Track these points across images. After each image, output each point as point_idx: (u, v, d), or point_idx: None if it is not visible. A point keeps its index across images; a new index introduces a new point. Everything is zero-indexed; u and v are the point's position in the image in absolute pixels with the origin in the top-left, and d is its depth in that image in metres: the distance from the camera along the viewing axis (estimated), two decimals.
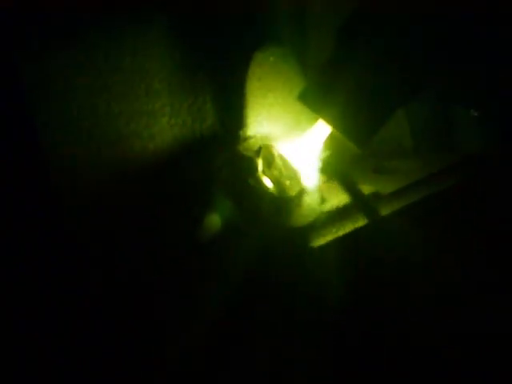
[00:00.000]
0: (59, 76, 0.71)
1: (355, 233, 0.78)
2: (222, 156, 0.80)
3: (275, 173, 0.82)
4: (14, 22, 0.66)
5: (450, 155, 1.03)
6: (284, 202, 0.83)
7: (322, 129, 0.81)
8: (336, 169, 0.78)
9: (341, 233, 0.76)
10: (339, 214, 0.81)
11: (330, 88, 0.77)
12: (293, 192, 0.86)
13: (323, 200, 0.82)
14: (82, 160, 0.73)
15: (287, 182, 0.84)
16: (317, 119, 0.88)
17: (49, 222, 0.72)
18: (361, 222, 0.79)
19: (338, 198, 0.83)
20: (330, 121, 0.78)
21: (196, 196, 0.77)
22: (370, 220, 0.73)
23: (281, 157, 0.83)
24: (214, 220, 0.75)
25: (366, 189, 0.86)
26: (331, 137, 0.81)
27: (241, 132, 0.85)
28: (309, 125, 0.91)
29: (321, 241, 0.75)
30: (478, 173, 0.96)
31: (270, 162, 0.81)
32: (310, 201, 0.83)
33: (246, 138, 0.85)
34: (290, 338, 0.72)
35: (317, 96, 0.79)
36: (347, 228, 0.78)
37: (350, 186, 0.76)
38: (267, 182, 0.80)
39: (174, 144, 0.82)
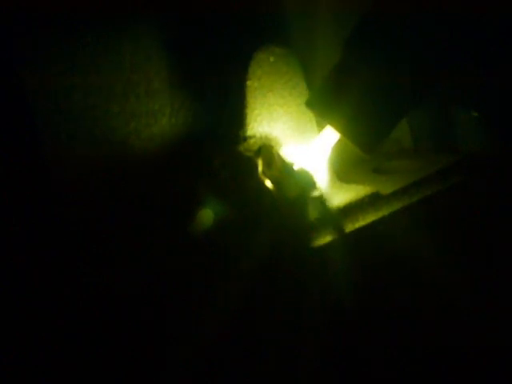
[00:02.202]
0: (59, 76, 0.71)
1: (355, 233, 0.78)
2: (222, 156, 0.80)
3: (275, 173, 0.82)
4: (14, 23, 0.66)
5: (450, 155, 1.03)
6: (284, 203, 0.83)
7: (330, 135, 0.82)
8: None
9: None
10: (339, 215, 0.81)
11: (337, 95, 0.77)
12: (293, 192, 0.86)
13: (323, 200, 0.82)
14: (82, 160, 0.73)
15: (287, 183, 0.84)
16: (318, 120, 0.88)
17: (49, 221, 0.72)
18: (361, 222, 0.79)
19: (338, 199, 0.83)
20: (337, 127, 0.79)
21: (196, 196, 0.77)
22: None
23: (281, 157, 0.83)
24: (207, 214, 0.75)
25: (366, 189, 0.86)
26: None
27: (241, 132, 0.85)
28: (309, 125, 0.91)
29: (321, 241, 0.75)
30: (477, 173, 0.96)
31: (269, 162, 0.81)
32: (310, 201, 0.83)
33: (246, 138, 0.85)
34: (290, 337, 0.72)
35: (325, 102, 0.80)
36: (347, 228, 0.78)
37: (320, 203, 0.76)
38: (267, 183, 0.80)
39: (174, 144, 0.82)
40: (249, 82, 0.85)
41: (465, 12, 0.69)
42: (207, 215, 0.75)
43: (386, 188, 0.88)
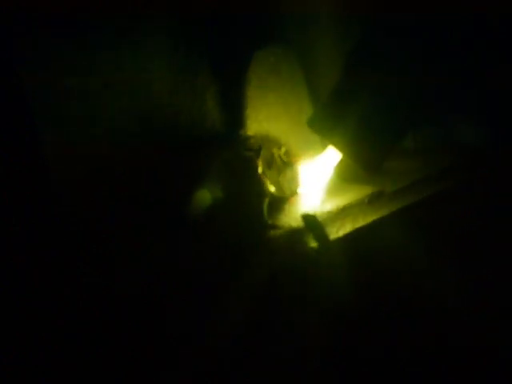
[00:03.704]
0: (59, 76, 0.71)
1: (355, 233, 0.78)
2: (223, 156, 0.80)
3: (275, 173, 0.82)
4: (14, 23, 0.66)
5: (450, 155, 1.03)
6: (283, 203, 0.84)
7: (332, 154, 0.83)
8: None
9: (341, 233, 0.76)
10: (339, 215, 0.81)
11: (339, 115, 0.78)
12: (292, 192, 0.86)
13: (323, 201, 0.82)
14: (82, 160, 0.73)
15: (287, 183, 0.84)
16: (320, 140, 0.89)
17: (48, 221, 0.72)
18: (361, 222, 0.80)
19: (338, 199, 0.83)
20: (339, 147, 0.80)
21: (196, 194, 0.77)
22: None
23: (281, 157, 0.83)
24: (205, 196, 0.75)
25: (366, 189, 0.86)
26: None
27: (241, 132, 0.85)
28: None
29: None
30: (478, 173, 0.96)
31: (269, 162, 0.81)
32: (310, 201, 0.83)
33: (246, 138, 0.85)
34: (291, 337, 0.73)
35: (327, 122, 0.81)
36: (347, 228, 0.78)
37: (310, 221, 0.76)
38: (267, 183, 0.80)
39: (174, 144, 0.82)
40: (249, 82, 0.86)
41: (463, 16, 0.70)
42: (206, 196, 0.75)
43: (386, 188, 0.88)
